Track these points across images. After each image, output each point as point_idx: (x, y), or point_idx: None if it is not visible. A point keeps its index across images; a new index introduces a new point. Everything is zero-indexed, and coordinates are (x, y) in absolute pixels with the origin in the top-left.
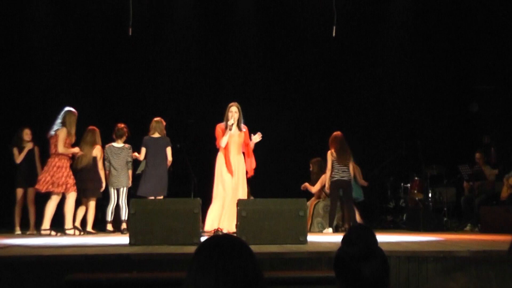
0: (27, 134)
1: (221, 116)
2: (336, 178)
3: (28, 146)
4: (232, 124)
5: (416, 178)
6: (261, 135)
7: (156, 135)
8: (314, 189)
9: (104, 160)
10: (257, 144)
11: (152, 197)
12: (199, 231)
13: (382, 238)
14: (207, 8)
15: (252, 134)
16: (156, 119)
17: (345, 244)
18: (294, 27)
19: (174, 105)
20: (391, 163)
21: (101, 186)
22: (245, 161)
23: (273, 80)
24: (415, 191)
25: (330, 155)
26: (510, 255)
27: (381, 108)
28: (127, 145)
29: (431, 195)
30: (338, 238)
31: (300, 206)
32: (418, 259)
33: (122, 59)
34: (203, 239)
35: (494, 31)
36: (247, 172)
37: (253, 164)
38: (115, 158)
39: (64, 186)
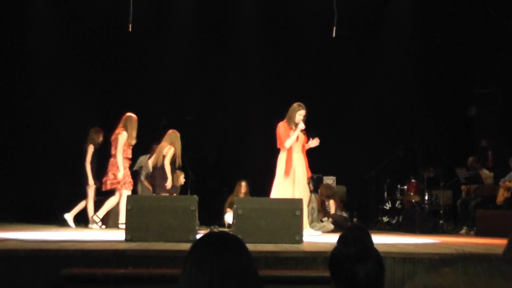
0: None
1: (219, 113)
2: None
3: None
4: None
5: (412, 180)
6: (318, 141)
7: None
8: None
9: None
10: (258, 144)
11: None
12: (195, 228)
13: (378, 239)
14: (207, 6)
15: (310, 138)
16: None
17: (342, 244)
18: (294, 27)
19: (172, 102)
20: (388, 164)
21: (165, 184)
22: (305, 160)
23: (273, 79)
24: (412, 193)
25: None
26: (507, 256)
27: (379, 110)
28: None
29: (428, 197)
30: (333, 238)
31: (296, 205)
32: (413, 260)
33: (122, 56)
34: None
35: (493, 35)
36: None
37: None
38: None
39: (124, 184)
